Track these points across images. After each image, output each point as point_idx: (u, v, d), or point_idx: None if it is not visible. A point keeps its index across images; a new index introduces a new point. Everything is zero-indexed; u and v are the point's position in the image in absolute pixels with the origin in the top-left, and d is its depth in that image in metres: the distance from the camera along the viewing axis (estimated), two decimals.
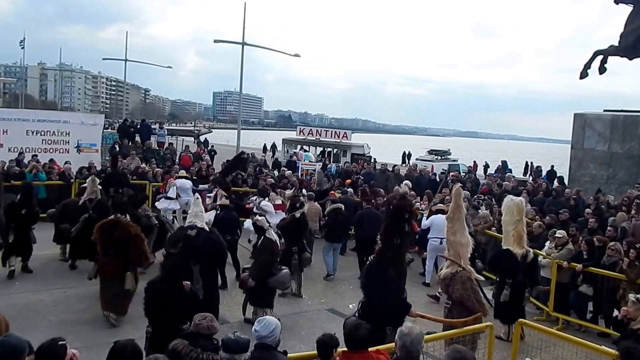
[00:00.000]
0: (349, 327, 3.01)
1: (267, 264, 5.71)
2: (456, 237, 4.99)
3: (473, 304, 4.71)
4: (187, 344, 3.00)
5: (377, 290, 4.44)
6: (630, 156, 11.34)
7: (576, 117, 12.45)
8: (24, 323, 5.17)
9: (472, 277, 4.89)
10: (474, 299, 4.74)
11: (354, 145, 22.09)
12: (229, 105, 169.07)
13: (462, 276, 4.84)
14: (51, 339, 2.63)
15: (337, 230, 8.28)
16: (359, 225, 8.32)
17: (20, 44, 40.91)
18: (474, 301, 4.72)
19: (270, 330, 2.97)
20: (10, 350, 2.36)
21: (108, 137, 16.76)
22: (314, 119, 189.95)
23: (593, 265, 6.33)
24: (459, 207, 5.05)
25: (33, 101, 72.24)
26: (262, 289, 5.69)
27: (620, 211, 8.67)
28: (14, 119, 12.85)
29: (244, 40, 21.15)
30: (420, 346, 2.88)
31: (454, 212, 5.03)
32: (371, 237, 7.98)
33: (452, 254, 5.04)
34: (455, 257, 4.96)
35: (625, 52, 12.03)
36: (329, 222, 8.35)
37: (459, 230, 5.00)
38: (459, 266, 4.91)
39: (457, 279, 4.84)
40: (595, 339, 5.59)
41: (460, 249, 4.98)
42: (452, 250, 5.06)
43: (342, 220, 8.35)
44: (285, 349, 3.17)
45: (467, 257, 5.04)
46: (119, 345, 2.69)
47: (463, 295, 4.73)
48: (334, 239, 8.26)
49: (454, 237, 5.02)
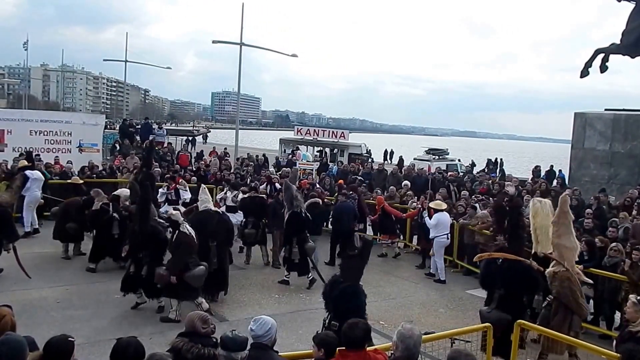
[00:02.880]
0: (346, 325, 3.01)
1: (182, 258, 5.81)
2: (561, 239, 5.35)
3: (569, 301, 5.14)
4: (187, 341, 3.03)
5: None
6: (632, 156, 11.29)
7: (577, 116, 12.41)
8: (27, 319, 5.23)
9: (573, 278, 5.23)
10: (571, 297, 5.14)
11: (351, 145, 22.11)
12: (227, 105, 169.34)
13: (562, 275, 5.22)
14: (60, 334, 2.66)
15: (317, 223, 8.55)
16: (337, 217, 8.74)
17: (24, 46, 41.19)
18: (570, 299, 5.14)
19: (266, 330, 2.98)
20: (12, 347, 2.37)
21: (109, 137, 16.83)
22: (312, 118, 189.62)
23: (594, 266, 6.31)
24: (564, 213, 5.41)
25: (36, 102, 72.49)
26: (180, 283, 5.79)
27: (621, 211, 8.63)
28: (17, 120, 13.06)
29: (242, 40, 21.20)
30: (420, 347, 2.88)
31: (560, 217, 5.40)
32: (349, 230, 8.87)
33: (556, 254, 5.41)
34: (560, 259, 5.34)
35: (627, 50, 11.97)
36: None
37: (564, 234, 5.37)
38: (562, 266, 5.27)
39: (557, 277, 5.27)
40: (596, 341, 5.58)
41: (564, 251, 5.34)
42: (557, 252, 5.42)
43: (320, 214, 8.68)
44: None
45: (573, 259, 5.38)
46: (122, 342, 2.71)
47: (560, 292, 5.16)
48: (313, 232, 8.47)
49: (558, 239, 5.38)
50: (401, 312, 6.77)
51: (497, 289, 5.16)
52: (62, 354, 2.56)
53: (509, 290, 5.09)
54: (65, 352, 2.56)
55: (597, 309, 6.52)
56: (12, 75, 77.11)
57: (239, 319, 6.04)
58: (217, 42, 22.46)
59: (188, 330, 3.14)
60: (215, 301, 6.50)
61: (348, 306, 4.09)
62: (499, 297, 5.10)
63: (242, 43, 21.19)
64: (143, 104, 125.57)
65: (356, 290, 4.27)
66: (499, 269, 5.24)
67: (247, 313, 6.22)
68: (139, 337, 2.84)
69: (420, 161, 21.38)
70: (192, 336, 3.07)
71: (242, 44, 21.21)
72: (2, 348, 2.37)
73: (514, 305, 5.00)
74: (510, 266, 5.17)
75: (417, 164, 17.98)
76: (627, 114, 11.69)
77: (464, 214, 9.05)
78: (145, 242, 6.04)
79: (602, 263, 6.35)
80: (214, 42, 22.07)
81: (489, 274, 5.35)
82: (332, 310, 4.26)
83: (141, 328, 5.56)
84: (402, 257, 9.78)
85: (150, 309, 6.11)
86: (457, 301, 7.41)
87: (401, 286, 8.00)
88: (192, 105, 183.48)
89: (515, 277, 5.12)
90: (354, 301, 4.19)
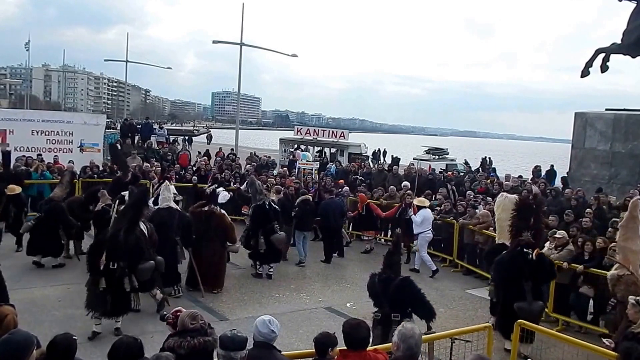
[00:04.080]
0: (349, 326, 3.01)
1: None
2: (627, 243, 5.42)
3: None
4: (177, 338, 3.11)
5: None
6: (633, 155, 11.26)
7: (577, 116, 12.38)
8: (29, 318, 5.29)
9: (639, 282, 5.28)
10: None
11: (351, 145, 22.09)
12: (227, 105, 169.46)
13: (627, 280, 5.28)
14: (64, 333, 2.68)
15: (307, 219, 8.81)
16: (324, 214, 8.92)
17: (25, 46, 41.27)
18: None
19: (271, 329, 2.99)
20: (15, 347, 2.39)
21: (110, 137, 16.87)
22: (312, 118, 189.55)
23: (594, 266, 6.30)
24: (634, 217, 5.50)
25: (38, 102, 72.68)
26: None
27: (622, 212, 8.60)
28: (19, 120, 13.10)
29: (242, 40, 21.23)
30: (421, 347, 2.90)
31: (628, 222, 5.50)
32: (336, 226, 9.19)
33: (621, 258, 5.47)
34: (624, 262, 5.39)
35: (628, 50, 11.93)
36: (299, 212, 8.77)
37: (630, 238, 5.45)
38: (627, 270, 5.31)
39: (622, 280, 5.32)
40: (596, 341, 5.56)
41: (630, 254, 5.40)
42: (622, 255, 5.48)
43: (310, 211, 8.88)
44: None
45: (637, 263, 5.43)
46: (121, 341, 2.73)
47: (625, 296, 5.13)
48: (304, 228, 8.80)
49: (624, 243, 5.45)
50: None
51: (525, 281, 5.53)
52: (65, 352, 2.58)
53: (536, 282, 5.62)
54: (68, 350, 2.58)
55: (597, 309, 6.51)
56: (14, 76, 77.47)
57: (239, 317, 6.06)
58: (218, 42, 22.52)
59: (179, 330, 3.21)
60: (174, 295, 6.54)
61: (408, 296, 4.55)
62: (530, 288, 5.52)
63: (242, 43, 21.26)
64: (144, 104, 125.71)
65: (410, 282, 4.69)
66: (528, 262, 5.59)
67: (248, 312, 6.24)
68: (140, 336, 2.87)
69: (420, 161, 21.39)
70: (183, 334, 3.16)
71: (242, 44, 21.28)
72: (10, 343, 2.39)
73: (541, 293, 5.70)
74: (539, 260, 5.69)
75: (416, 164, 18.00)
76: (627, 114, 11.66)
77: (464, 213, 9.06)
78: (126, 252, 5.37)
79: (602, 263, 6.34)
80: (214, 42, 22.17)
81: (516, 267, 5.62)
82: (388, 304, 4.53)
83: (142, 327, 5.58)
84: (403, 257, 9.73)
85: (152, 308, 6.12)
86: (457, 301, 7.40)
87: None
88: (193, 105, 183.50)
89: (544, 270, 5.70)
90: (413, 290, 4.63)
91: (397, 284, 4.55)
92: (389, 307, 4.49)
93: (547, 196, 10.34)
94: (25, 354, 2.40)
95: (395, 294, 4.50)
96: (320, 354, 2.98)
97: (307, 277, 8.10)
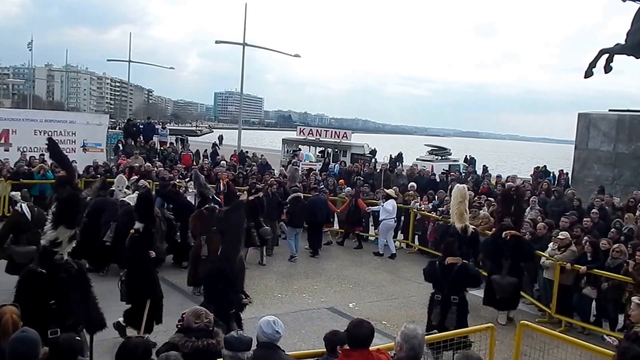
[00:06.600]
0: (351, 324, 3.01)
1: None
2: None
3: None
4: (182, 336, 3.14)
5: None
6: (636, 157, 11.22)
7: (580, 117, 12.34)
8: None
9: None
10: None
11: (354, 145, 22.07)
12: (230, 105, 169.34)
13: None
14: (67, 334, 2.70)
15: (299, 216, 9.07)
16: (311, 211, 9.26)
17: (28, 46, 41.51)
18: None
19: (275, 330, 2.99)
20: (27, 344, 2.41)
21: (113, 137, 16.93)
22: (314, 119, 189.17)
23: (597, 267, 6.29)
24: None
25: (40, 102, 73.02)
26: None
27: (626, 213, 8.58)
28: (22, 120, 13.13)
29: (244, 41, 21.26)
30: (424, 347, 2.90)
31: None
32: (322, 222, 9.69)
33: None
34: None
35: (631, 51, 11.90)
36: (291, 209, 9.04)
37: None
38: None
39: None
40: (599, 342, 5.55)
41: None
42: None
43: (302, 208, 9.14)
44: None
45: None
46: (130, 342, 2.74)
47: None
48: (296, 224, 9.09)
49: None
50: (403, 312, 6.78)
51: (504, 259, 6.53)
52: (69, 352, 2.58)
53: (514, 260, 6.55)
54: (72, 351, 2.59)
55: (600, 310, 6.49)
56: (17, 76, 77.75)
57: (242, 318, 6.03)
58: (220, 43, 22.63)
59: (184, 327, 3.25)
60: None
61: (467, 279, 5.33)
62: (508, 265, 6.49)
63: (245, 43, 21.30)
64: (146, 104, 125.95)
65: (468, 266, 5.65)
66: (507, 243, 6.54)
67: (250, 313, 6.19)
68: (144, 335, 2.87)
69: (422, 161, 21.33)
70: (187, 332, 3.19)
71: (245, 44, 21.32)
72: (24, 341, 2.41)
73: (518, 271, 6.66)
74: (516, 241, 6.57)
75: (419, 164, 17.96)
76: (631, 115, 11.62)
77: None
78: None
79: (605, 264, 6.32)
80: (217, 42, 22.33)
81: (497, 247, 6.66)
82: (448, 287, 5.22)
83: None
84: (404, 258, 9.78)
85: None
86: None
87: (403, 286, 8.02)
88: (195, 105, 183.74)
89: (520, 249, 6.58)
90: (471, 273, 5.46)
91: (459, 269, 5.24)
92: (448, 290, 5.18)
93: (550, 197, 10.32)
94: (38, 351, 2.43)
95: (456, 279, 5.21)
96: (331, 351, 3.05)
97: (310, 278, 8.11)
